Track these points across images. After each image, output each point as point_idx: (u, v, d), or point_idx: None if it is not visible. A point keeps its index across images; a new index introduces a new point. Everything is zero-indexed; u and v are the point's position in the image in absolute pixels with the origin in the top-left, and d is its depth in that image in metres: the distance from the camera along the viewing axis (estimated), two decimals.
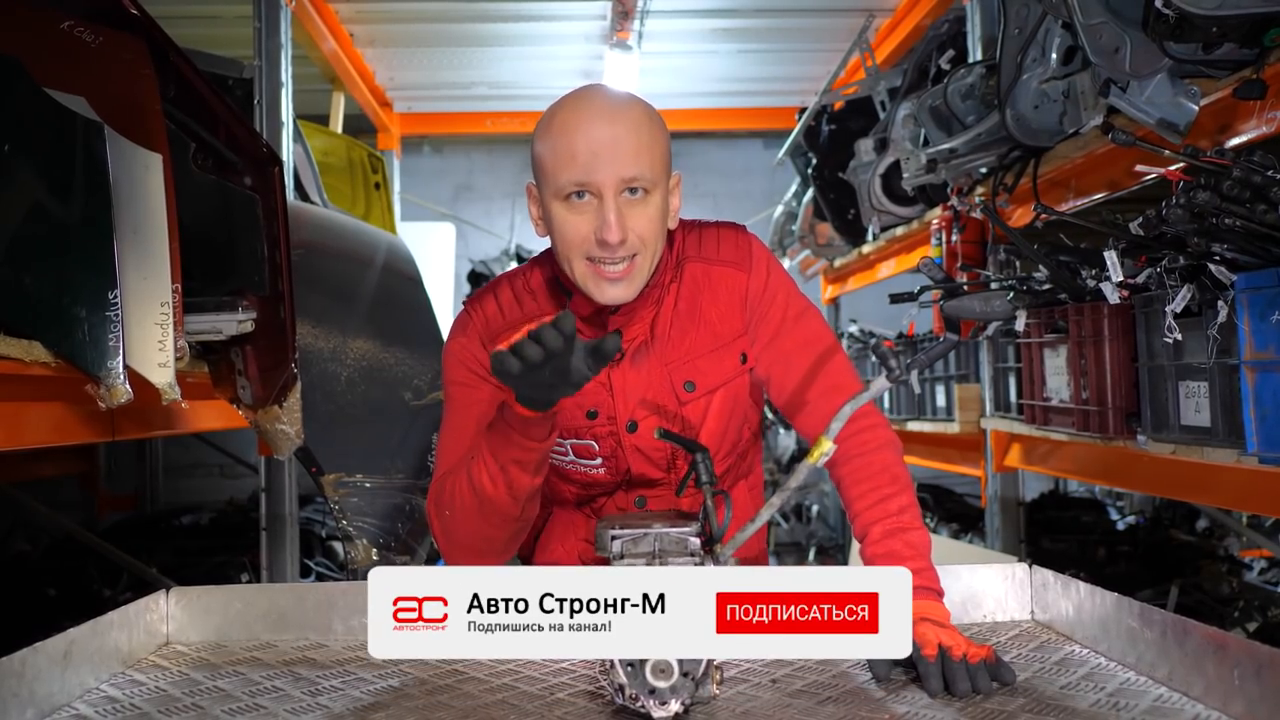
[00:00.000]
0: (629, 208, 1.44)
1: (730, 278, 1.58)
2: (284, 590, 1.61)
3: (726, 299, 1.58)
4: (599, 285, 1.46)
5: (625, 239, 1.43)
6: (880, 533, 1.44)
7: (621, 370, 1.56)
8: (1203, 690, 1.17)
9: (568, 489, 1.66)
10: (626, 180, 1.42)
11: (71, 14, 2.04)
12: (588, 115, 1.44)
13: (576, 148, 1.42)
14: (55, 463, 5.17)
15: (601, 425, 1.57)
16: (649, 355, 1.56)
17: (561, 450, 1.60)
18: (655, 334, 1.56)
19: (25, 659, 1.17)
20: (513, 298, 1.61)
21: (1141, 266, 2.24)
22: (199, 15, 4.80)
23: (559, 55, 5.77)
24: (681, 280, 1.58)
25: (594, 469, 1.61)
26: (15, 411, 1.95)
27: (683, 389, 1.56)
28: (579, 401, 1.53)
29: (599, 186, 1.42)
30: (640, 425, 1.56)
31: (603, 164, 1.41)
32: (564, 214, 1.45)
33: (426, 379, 2.93)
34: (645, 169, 1.43)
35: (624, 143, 1.42)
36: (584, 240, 1.44)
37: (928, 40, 4.14)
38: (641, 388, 1.56)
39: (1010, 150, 3.05)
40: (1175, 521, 4.63)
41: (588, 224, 1.44)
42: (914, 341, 4.22)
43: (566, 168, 1.42)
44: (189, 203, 2.16)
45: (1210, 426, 2.09)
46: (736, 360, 1.58)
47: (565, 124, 1.44)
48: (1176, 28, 1.97)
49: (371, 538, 2.68)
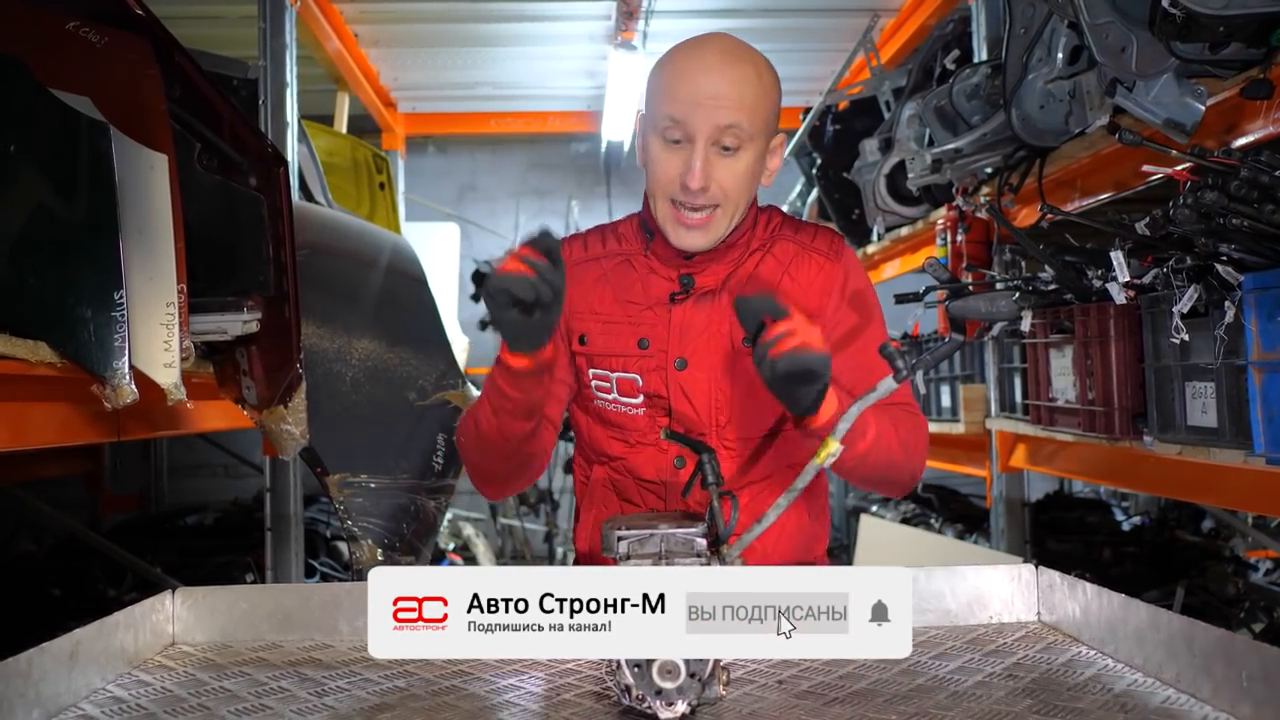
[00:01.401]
0: (718, 159, 1.49)
1: (819, 264, 1.61)
2: (290, 591, 1.61)
3: (808, 281, 1.60)
4: (677, 230, 1.53)
5: (708, 188, 1.49)
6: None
7: (684, 308, 1.58)
8: (1211, 692, 1.17)
9: (606, 435, 1.64)
10: (720, 129, 1.47)
11: (76, 14, 2.05)
12: (699, 62, 1.50)
13: (679, 91, 1.48)
14: (60, 463, 5.18)
15: (651, 358, 1.59)
16: (714, 302, 1.58)
17: (605, 385, 1.61)
18: (727, 287, 1.59)
19: (31, 659, 1.17)
20: (599, 237, 1.69)
21: (1148, 267, 2.23)
22: (203, 15, 4.81)
23: (563, 55, 5.77)
24: (769, 252, 1.62)
25: (634, 409, 1.60)
26: (21, 412, 1.96)
27: (741, 341, 1.55)
28: (634, 330, 1.58)
29: (692, 132, 1.47)
30: (690, 364, 1.57)
31: (700, 112, 1.47)
32: (658, 151, 1.52)
33: (431, 379, 2.93)
34: (742, 121, 1.48)
35: (725, 97, 1.47)
36: (670, 181, 1.50)
37: (933, 40, 4.14)
38: (699, 328, 1.58)
39: (1016, 150, 3.04)
40: (1181, 522, 4.62)
41: (676, 166, 1.50)
42: (919, 342, 4.22)
43: (667, 107, 1.49)
44: (194, 203, 2.16)
45: (1217, 427, 2.09)
46: None
47: (676, 65, 1.51)
48: (1183, 27, 1.96)
49: (376, 538, 2.68)
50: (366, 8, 5.01)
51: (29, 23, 2.03)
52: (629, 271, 1.63)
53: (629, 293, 1.61)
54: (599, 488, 1.67)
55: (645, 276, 1.61)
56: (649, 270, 1.61)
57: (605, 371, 1.60)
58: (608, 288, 1.63)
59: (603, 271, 1.64)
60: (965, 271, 3.30)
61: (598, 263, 1.65)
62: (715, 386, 1.58)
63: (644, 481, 1.62)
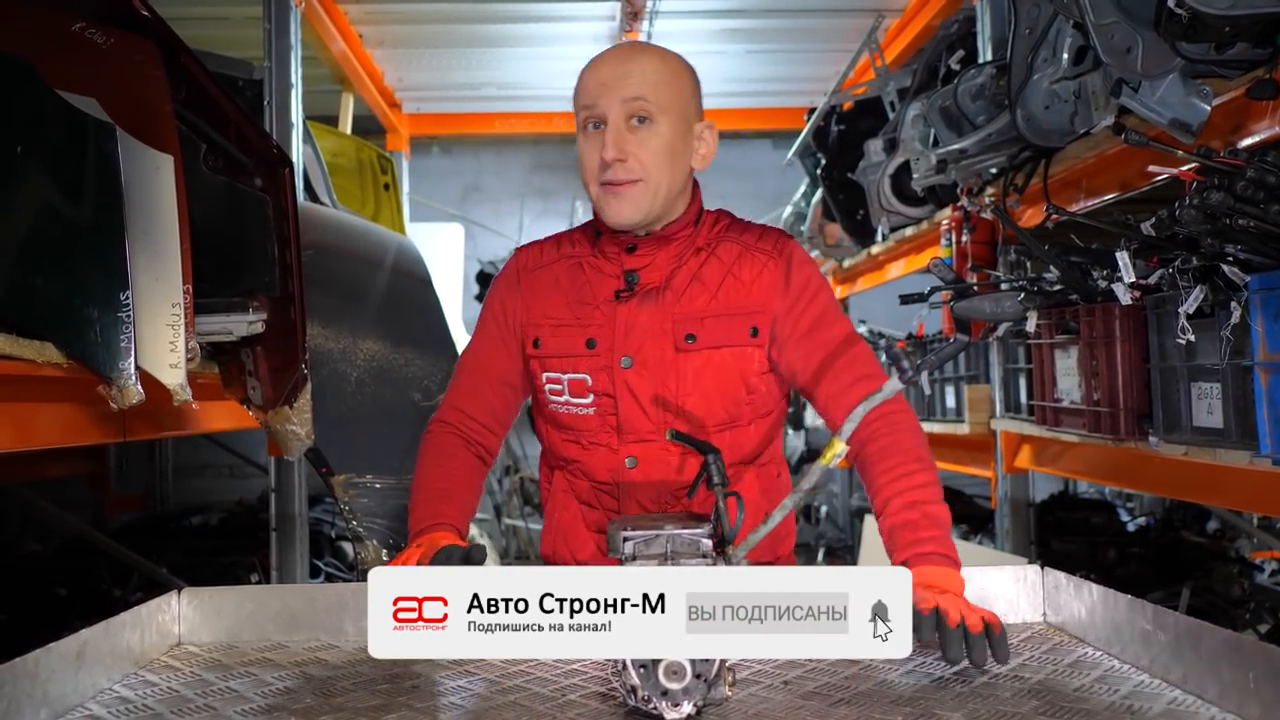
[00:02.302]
0: (632, 133, 1.58)
1: (762, 263, 1.65)
2: (296, 591, 1.61)
3: (751, 279, 1.64)
4: (606, 203, 1.60)
5: (625, 159, 1.57)
6: (900, 504, 1.47)
7: (629, 307, 1.63)
8: (1218, 694, 1.17)
9: (561, 439, 1.70)
10: (628, 103, 1.57)
11: (82, 16, 2.05)
12: (605, 55, 1.64)
13: (588, 80, 1.61)
14: (65, 463, 5.18)
15: (599, 357, 1.63)
16: (658, 301, 1.63)
17: (558, 387, 1.66)
18: (670, 285, 1.64)
19: (39, 659, 1.17)
20: (554, 243, 1.76)
21: (1154, 267, 2.23)
22: (209, 17, 4.82)
23: (568, 56, 5.76)
24: (713, 253, 1.66)
25: (584, 409, 1.65)
26: (27, 412, 1.96)
27: (683, 339, 1.61)
28: (582, 330, 1.64)
29: (604, 112, 1.57)
30: (635, 362, 1.61)
31: (608, 90, 1.58)
32: (581, 142, 1.63)
33: (436, 379, 2.93)
34: (648, 94, 1.57)
35: (630, 75, 1.58)
36: (594, 164, 1.60)
37: (937, 40, 4.14)
38: (643, 327, 1.62)
39: (1021, 151, 3.04)
40: (1186, 523, 4.61)
41: (597, 149, 1.59)
42: (924, 342, 4.21)
43: (581, 96, 1.61)
44: (200, 204, 2.16)
45: (1223, 428, 2.09)
46: (746, 330, 1.63)
47: (589, 67, 1.64)
48: (1189, 28, 1.96)
49: (381, 538, 2.68)
50: (371, 9, 5.02)
51: (36, 24, 2.03)
52: (579, 274, 1.69)
53: (579, 294, 1.67)
54: (559, 493, 1.73)
55: (593, 277, 1.67)
56: (597, 270, 1.68)
57: (557, 374, 1.66)
58: (559, 291, 1.69)
59: (554, 276, 1.71)
60: (970, 272, 3.30)
61: (550, 268, 1.72)
62: (661, 383, 1.61)
63: (598, 483, 1.67)
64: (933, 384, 4.11)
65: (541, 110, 6.68)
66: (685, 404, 1.61)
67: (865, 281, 5.54)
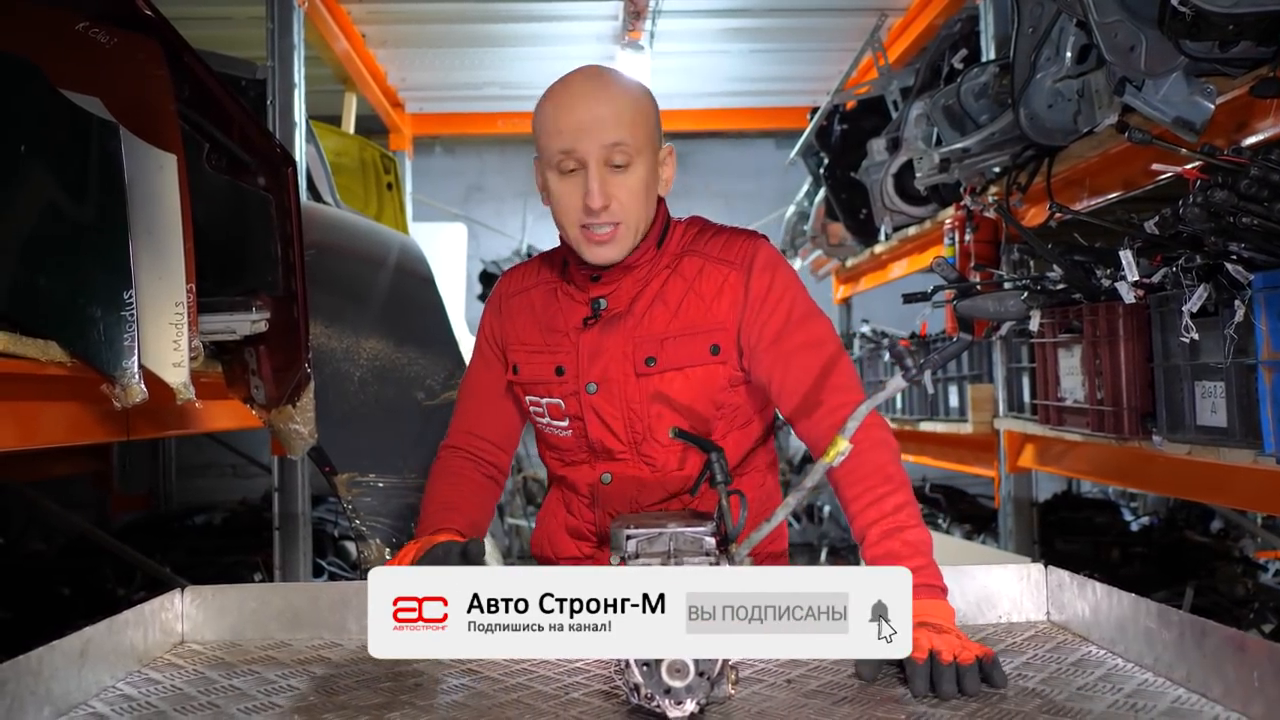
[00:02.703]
0: (612, 177, 1.56)
1: (722, 275, 1.64)
2: (298, 589, 1.62)
3: (713, 294, 1.63)
4: (590, 248, 1.60)
5: (609, 205, 1.56)
6: (878, 534, 1.44)
7: (592, 334, 1.65)
8: (1222, 692, 1.16)
9: (549, 455, 1.76)
10: (608, 148, 1.55)
11: (86, 15, 2.05)
12: (574, 92, 1.59)
13: (563, 123, 1.56)
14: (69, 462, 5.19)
15: (567, 383, 1.66)
16: (619, 326, 1.64)
17: (539, 410, 1.71)
18: (632, 309, 1.64)
19: (42, 657, 1.18)
20: (535, 266, 1.78)
21: (1157, 266, 2.22)
22: (213, 17, 4.83)
23: (571, 55, 5.77)
24: (675, 270, 1.66)
25: (561, 430, 1.69)
26: (31, 411, 1.96)
27: (643, 362, 1.62)
28: (551, 358, 1.67)
29: (583, 156, 1.55)
30: (599, 387, 1.63)
31: (586, 135, 1.55)
32: (556, 183, 1.59)
33: (439, 378, 2.93)
34: (626, 138, 1.56)
35: (605, 117, 1.55)
36: (574, 209, 1.58)
37: (940, 39, 4.13)
38: (605, 353, 1.64)
39: (1024, 149, 3.04)
40: (1190, 523, 4.61)
41: (576, 192, 1.57)
42: (927, 341, 4.21)
43: (555, 139, 1.57)
44: (203, 203, 2.16)
45: (1227, 427, 2.08)
46: (706, 349, 1.62)
47: (554, 101, 1.59)
48: (1192, 25, 1.95)
49: (384, 537, 2.68)
50: (374, 8, 5.02)
51: (40, 23, 2.04)
52: (551, 301, 1.72)
53: (551, 321, 1.70)
54: (550, 499, 1.81)
55: (564, 304, 1.69)
56: (567, 297, 1.69)
57: (536, 398, 1.70)
58: (533, 318, 1.72)
59: (530, 302, 1.73)
60: (973, 271, 3.30)
61: (527, 294, 1.75)
62: (626, 406, 1.63)
63: (580, 495, 1.72)
64: (936, 383, 4.11)
65: None
66: (652, 425, 1.63)
67: (868, 281, 5.54)
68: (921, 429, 4.31)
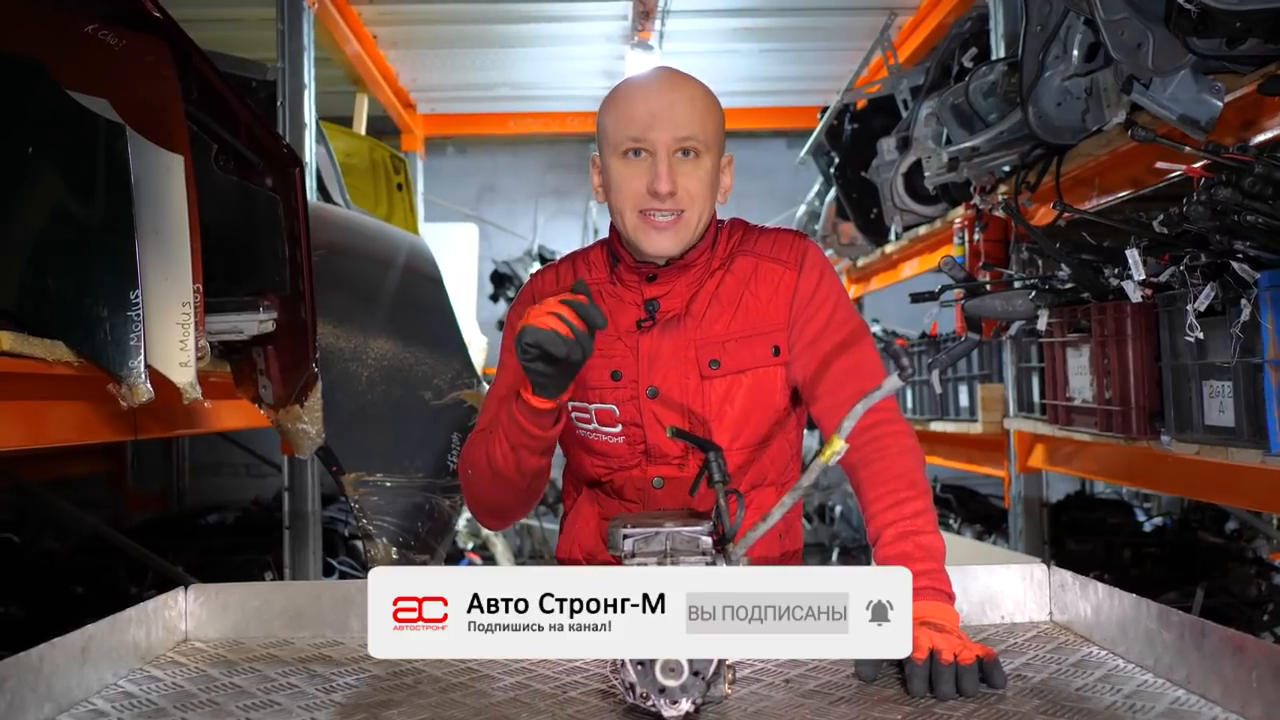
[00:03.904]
0: (680, 165, 1.57)
1: (777, 275, 1.64)
2: (301, 588, 1.63)
3: (769, 294, 1.63)
4: (648, 235, 1.58)
5: (675, 191, 1.55)
6: (893, 534, 1.44)
7: (651, 336, 1.62)
8: (1221, 693, 1.16)
9: (590, 461, 1.69)
10: (680, 139, 1.56)
11: (96, 17, 2.07)
12: (649, 84, 1.62)
13: (636, 110, 1.57)
14: (83, 461, 5.23)
15: (624, 389, 1.63)
16: (679, 328, 1.62)
17: (585, 416, 1.65)
18: (690, 310, 1.63)
19: (43, 654, 1.19)
20: (570, 267, 1.74)
21: (1165, 265, 2.21)
22: (224, 18, 4.86)
23: (581, 56, 5.78)
24: (728, 270, 1.65)
25: (614, 437, 1.65)
26: (40, 410, 1.98)
27: (707, 365, 1.61)
28: (606, 362, 1.62)
29: (654, 143, 1.55)
30: (660, 392, 1.61)
31: (659, 123, 1.55)
32: (621, 169, 1.59)
33: (446, 378, 2.94)
34: (698, 131, 1.56)
35: (679, 107, 1.57)
36: (637, 193, 1.57)
37: (951, 38, 4.12)
38: (666, 356, 1.61)
39: (1033, 148, 3.02)
40: (1204, 523, 4.57)
41: (642, 178, 1.57)
42: (937, 341, 4.19)
43: (626, 126, 1.57)
44: (212, 203, 2.18)
45: (1234, 426, 2.07)
46: (768, 350, 1.62)
47: (629, 92, 1.61)
48: (1199, 23, 1.94)
49: (391, 536, 2.69)
50: (384, 10, 5.04)
51: (49, 25, 2.05)
52: (598, 302, 1.63)
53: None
54: (583, 504, 1.73)
55: (614, 306, 1.65)
56: (616, 299, 1.66)
57: (583, 404, 1.65)
58: None
59: None
60: (981, 270, 3.28)
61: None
62: (688, 411, 1.61)
63: (625, 499, 1.68)
64: (945, 383, 4.10)
65: (556, 110, 6.70)
66: (713, 429, 1.61)
67: (879, 280, 5.52)
68: (932, 429, 4.30)
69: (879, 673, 1.31)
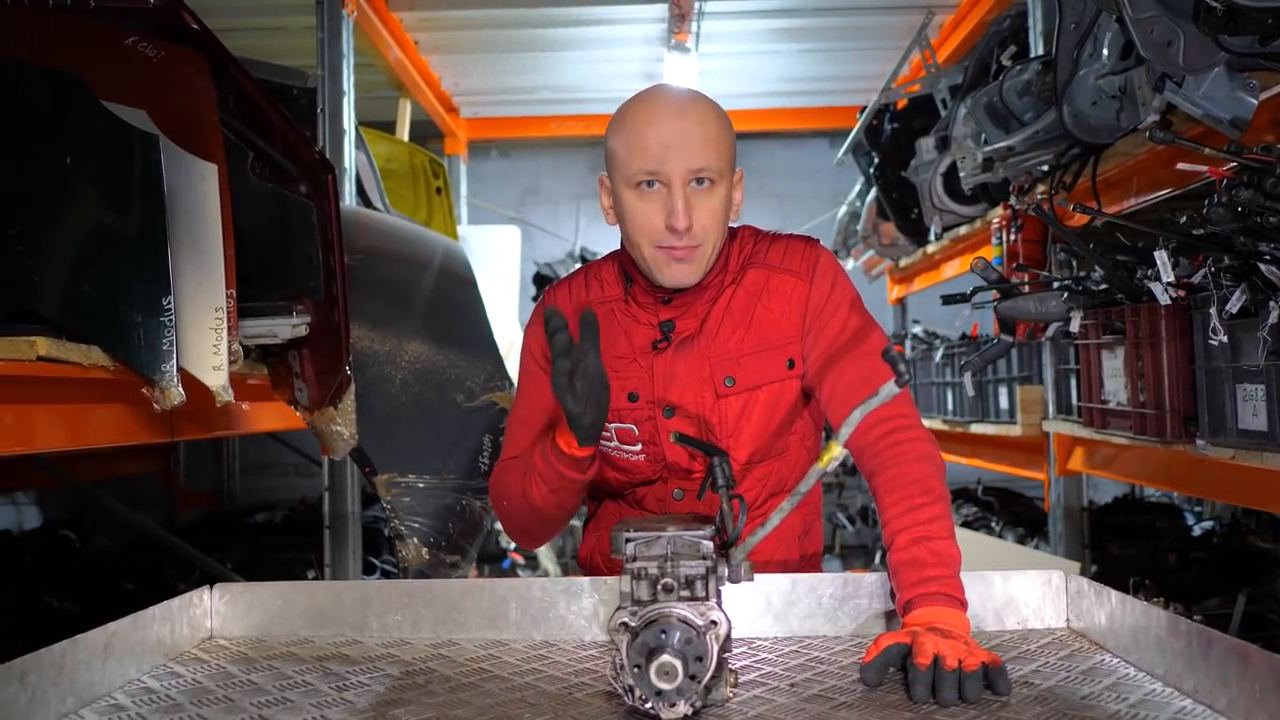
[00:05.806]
0: (695, 197, 1.54)
1: (789, 286, 1.63)
2: (322, 587, 1.66)
3: (782, 306, 1.63)
4: (668, 267, 1.57)
5: (691, 226, 1.53)
6: (907, 539, 1.44)
7: (666, 357, 1.63)
8: (1227, 704, 1.14)
9: (613, 475, 1.71)
10: (694, 171, 1.53)
11: (135, 30, 2.13)
12: (659, 110, 1.56)
13: (648, 140, 1.53)
14: (137, 461, 5.37)
15: (641, 409, 1.64)
16: (694, 347, 1.63)
17: (606, 435, 1.66)
18: (704, 329, 1.63)
19: (65, 650, 1.23)
20: (584, 283, 1.74)
21: (1198, 266, 2.18)
22: (268, 27, 4.96)
23: (620, 58, 5.81)
24: (740, 284, 1.65)
25: (634, 455, 1.67)
26: (80, 413, 2.04)
27: (723, 383, 1.62)
28: (621, 383, 1.63)
29: (668, 176, 1.53)
30: (677, 412, 1.62)
31: (673, 155, 1.52)
32: (635, 202, 1.56)
33: (479, 381, 2.98)
34: (712, 161, 1.53)
35: (692, 136, 1.53)
36: (654, 228, 1.55)
37: (989, 36, 4.07)
38: (682, 376, 1.62)
39: (1069, 147, 2.98)
40: (1256, 528, 4.47)
41: (658, 213, 1.54)
42: (977, 343, 4.15)
43: (639, 158, 1.53)
44: (248, 210, 2.23)
45: (1267, 430, 2.03)
46: (782, 364, 1.62)
47: (638, 118, 1.56)
48: (1228, 20, 1.91)
49: (423, 537, 2.73)
50: (425, 16, 5.11)
51: (91, 38, 2.12)
52: (612, 322, 1.67)
53: (614, 345, 1.65)
54: (606, 513, 1.76)
55: (629, 326, 1.66)
56: (631, 319, 1.67)
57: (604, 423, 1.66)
58: None
59: None
60: (1016, 271, 3.25)
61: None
62: (705, 428, 1.62)
63: (646, 509, 1.70)
64: (985, 384, 4.05)
65: (597, 113, 6.74)
66: (730, 444, 1.62)
67: (921, 281, 5.48)
68: (972, 430, 4.26)
69: (883, 678, 1.31)
